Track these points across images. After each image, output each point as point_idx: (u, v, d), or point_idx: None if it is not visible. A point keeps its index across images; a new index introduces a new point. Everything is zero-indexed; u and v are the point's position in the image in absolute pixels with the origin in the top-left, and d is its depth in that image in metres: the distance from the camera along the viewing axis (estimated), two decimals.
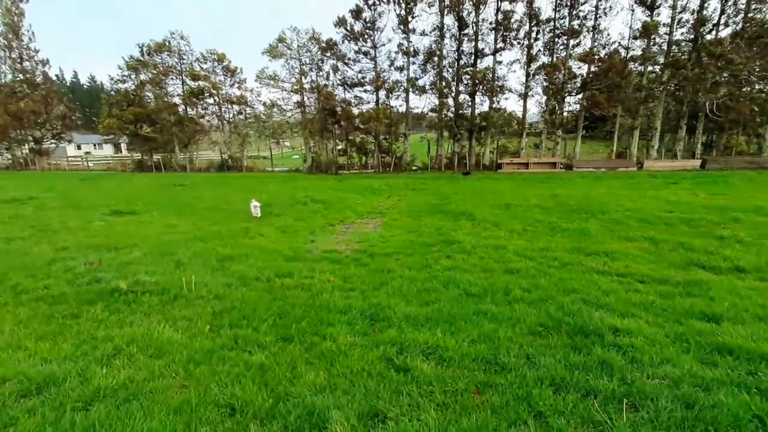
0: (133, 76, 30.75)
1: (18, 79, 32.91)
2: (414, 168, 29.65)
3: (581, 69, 27.16)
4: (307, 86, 29.63)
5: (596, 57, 25.95)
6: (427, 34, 27.99)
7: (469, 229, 8.51)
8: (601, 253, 6.32)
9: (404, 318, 4.02)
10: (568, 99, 28.05)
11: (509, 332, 3.67)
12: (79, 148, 54.84)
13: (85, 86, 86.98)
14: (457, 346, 3.44)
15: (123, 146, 43.59)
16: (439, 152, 29.55)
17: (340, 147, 31.40)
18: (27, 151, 33.94)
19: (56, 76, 68.20)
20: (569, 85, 27.05)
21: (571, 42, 26.71)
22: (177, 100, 31.78)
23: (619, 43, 26.84)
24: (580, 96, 27.20)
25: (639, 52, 25.94)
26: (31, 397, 2.83)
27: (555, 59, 26.91)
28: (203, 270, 5.68)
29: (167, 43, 30.17)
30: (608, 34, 26.97)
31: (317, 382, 2.98)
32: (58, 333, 3.79)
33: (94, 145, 56.74)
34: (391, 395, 2.81)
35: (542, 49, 27.55)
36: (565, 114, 28.30)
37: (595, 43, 26.72)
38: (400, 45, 28.03)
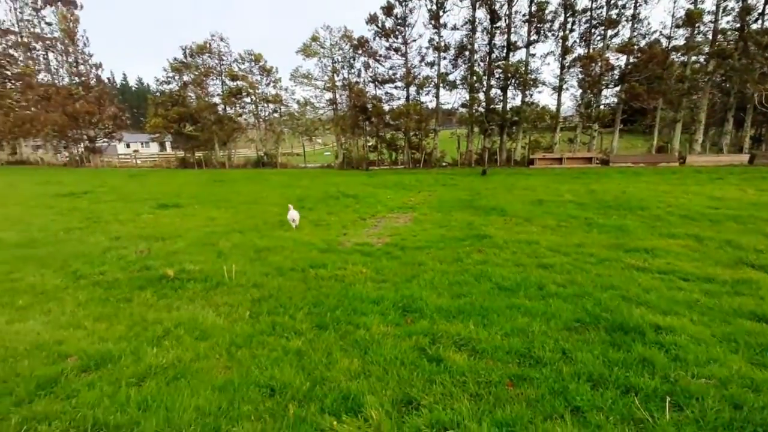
0: (176, 78, 32.25)
1: (74, 82, 35.34)
2: (444, 164, 29.41)
3: (619, 60, 26.02)
4: (339, 84, 30.06)
5: (636, 47, 24.73)
6: (458, 29, 27.64)
7: (501, 224, 8.40)
8: (641, 249, 6.09)
9: (436, 310, 4.05)
10: (605, 92, 26.95)
11: (544, 327, 3.63)
12: (128, 146, 58.06)
13: (133, 88, 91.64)
14: (490, 338, 3.44)
15: (168, 144, 45.86)
16: (470, 148, 29.15)
17: (370, 143, 31.65)
18: (82, 149, 36.37)
19: (108, 78, 72.24)
20: (606, 77, 25.93)
21: (609, 32, 25.59)
22: (217, 99, 33.09)
23: (661, 32, 25.46)
24: (618, 88, 26.05)
25: (682, 42, 24.50)
26: (91, 372, 3.08)
27: (591, 50, 25.88)
28: (242, 260, 5.93)
29: (208, 45, 31.41)
30: (649, 23, 25.67)
31: (352, 368, 3.06)
32: (113, 315, 4.09)
33: (142, 143, 59.95)
34: (424, 384, 2.86)
35: (578, 41, 26.58)
36: (601, 107, 27.17)
37: (635, 33, 25.46)
38: (430, 40, 27.85)
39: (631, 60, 25.20)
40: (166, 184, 19.28)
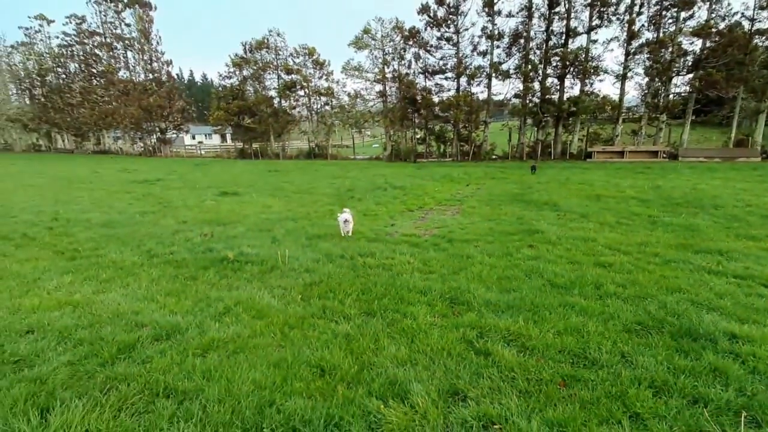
0: (237, 73, 34.11)
1: (149, 78, 38.57)
2: (493, 157, 28.56)
3: (694, 45, 23.57)
4: (389, 76, 30.07)
5: (713, 30, 22.21)
6: (513, 16, 26.48)
7: (554, 219, 8.05)
8: (714, 251, 5.58)
9: (484, 303, 3.99)
10: (675, 80, 24.56)
11: (600, 327, 3.45)
12: (193, 137, 62.39)
13: (198, 83, 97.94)
14: (541, 335, 3.33)
15: (228, 136, 48.75)
16: (521, 140, 27.99)
17: (419, 136, 31.47)
18: (154, 140, 39.65)
19: (176, 75, 77.53)
20: (678, 64, 23.60)
21: (683, 14, 23.23)
22: (273, 93, 34.60)
23: (743, 14, 22.65)
24: (690, 76, 23.63)
25: (767, 25, 21.67)
26: (162, 341, 3.37)
27: (662, 35, 23.63)
28: (295, 246, 6.19)
29: (266, 41, 32.81)
30: (729, 4, 22.76)
31: (398, 355, 3.10)
32: (181, 291, 4.46)
33: (206, 135, 64.22)
34: (471, 376, 2.83)
35: (646, 24, 24.41)
36: (671, 96, 24.83)
37: (713, 15, 22.88)
38: (484, 28, 26.96)
39: (708, 44, 22.74)
40: (227, 173, 20.50)
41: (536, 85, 26.76)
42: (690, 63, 23.62)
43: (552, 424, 2.35)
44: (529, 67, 26.20)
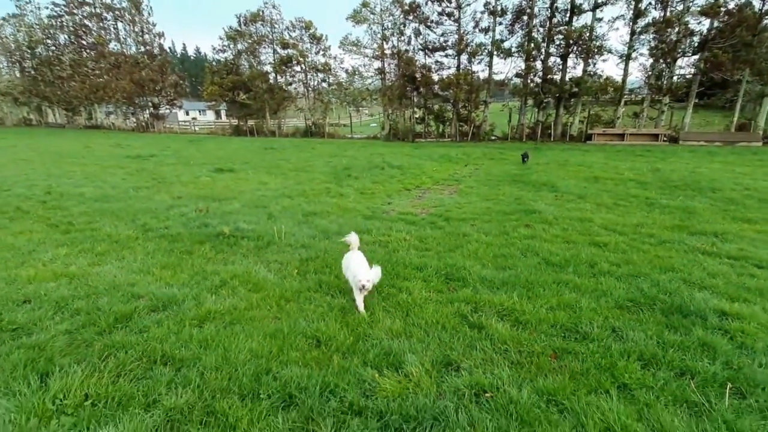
0: (231, 46, 33.17)
1: (140, 51, 37.47)
2: (493, 138, 28.30)
3: (701, 24, 22.97)
4: (388, 52, 29.40)
5: (722, 10, 21.66)
6: None
7: (551, 200, 8.06)
8: (709, 233, 5.63)
9: (479, 280, 4.03)
10: (680, 61, 24.11)
11: (593, 303, 3.51)
12: (187, 113, 61.18)
13: (192, 57, 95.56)
14: (535, 311, 3.38)
15: (223, 113, 47.90)
16: (522, 121, 27.70)
17: (417, 115, 31.02)
18: (147, 115, 38.83)
19: (169, 48, 75.44)
20: (683, 44, 23.11)
21: None
22: (268, 68, 33.74)
23: None
24: (696, 57, 23.18)
25: None
26: (159, 312, 3.41)
27: (668, 14, 23.07)
28: (291, 222, 6.20)
29: (261, 13, 31.78)
30: None
31: (394, 328, 3.15)
32: (177, 264, 4.47)
33: (199, 111, 63.00)
34: (465, 348, 2.89)
35: (653, 2, 23.74)
36: (675, 78, 24.46)
37: None
38: (486, 4, 26.21)
39: (716, 24, 22.25)
40: (222, 149, 20.25)
41: (538, 65, 26.26)
42: (696, 44, 23.15)
43: (542, 393, 2.41)
44: (532, 45, 25.63)
